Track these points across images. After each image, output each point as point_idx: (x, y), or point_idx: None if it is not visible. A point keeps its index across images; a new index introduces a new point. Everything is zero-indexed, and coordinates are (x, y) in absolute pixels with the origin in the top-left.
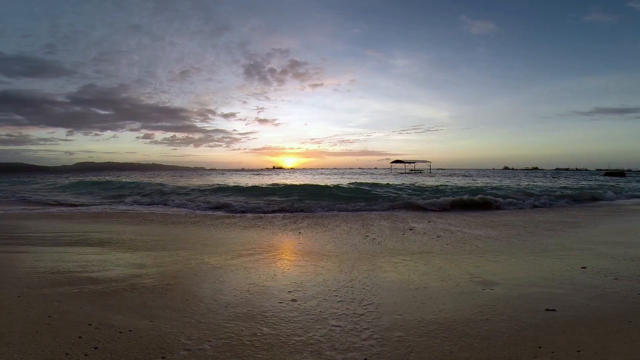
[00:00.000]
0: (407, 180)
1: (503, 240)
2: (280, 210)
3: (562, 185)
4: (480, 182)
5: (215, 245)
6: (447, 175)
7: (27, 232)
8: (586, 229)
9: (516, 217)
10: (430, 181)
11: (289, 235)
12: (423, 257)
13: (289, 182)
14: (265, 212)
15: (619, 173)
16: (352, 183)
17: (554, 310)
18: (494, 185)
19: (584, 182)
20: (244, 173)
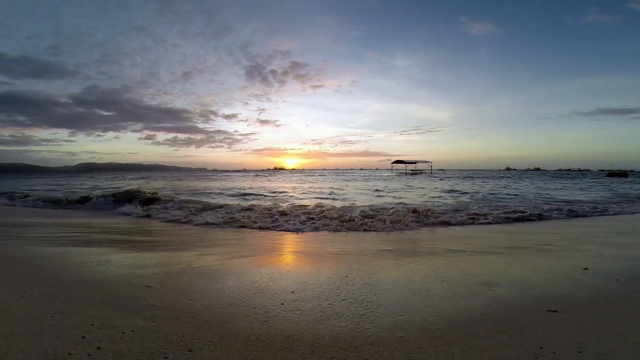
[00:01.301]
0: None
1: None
2: None
3: None
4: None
5: (217, 246)
6: (462, 178)
7: (29, 232)
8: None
9: None
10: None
11: (290, 236)
12: (424, 258)
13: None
14: None
15: (622, 174)
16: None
17: (555, 311)
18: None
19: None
20: (235, 174)
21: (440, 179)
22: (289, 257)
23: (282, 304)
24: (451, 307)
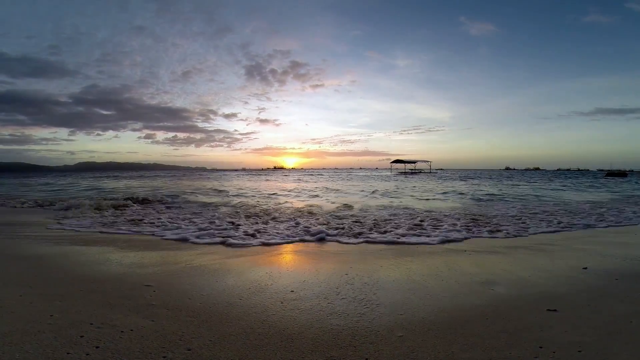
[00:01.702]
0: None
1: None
2: None
3: None
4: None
5: (216, 245)
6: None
7: (28, 231)
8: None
9: None
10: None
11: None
12: (424, 257)
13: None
14: None
15: (621, 173)
16: None
17: (555, 310)
18: None
19: None
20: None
21: (439, 179)
22: (288, 256)
23: (282, 302)
24: (451, 306)
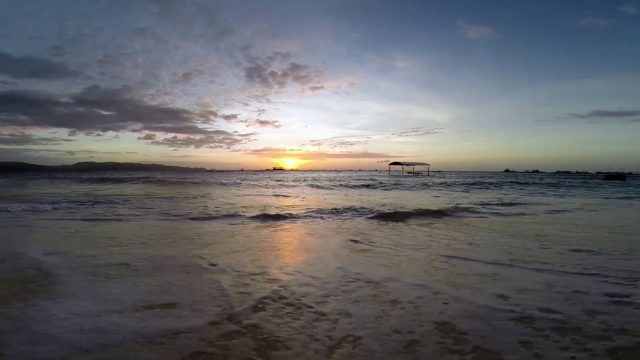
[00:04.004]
0: None
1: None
2: None
3: None
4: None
5: None
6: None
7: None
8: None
9: None
10: None
11: None
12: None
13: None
14: None
15: (620, 176)
16: None
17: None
18: None
19: None
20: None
21: (440, 185)
22: None
23: None
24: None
